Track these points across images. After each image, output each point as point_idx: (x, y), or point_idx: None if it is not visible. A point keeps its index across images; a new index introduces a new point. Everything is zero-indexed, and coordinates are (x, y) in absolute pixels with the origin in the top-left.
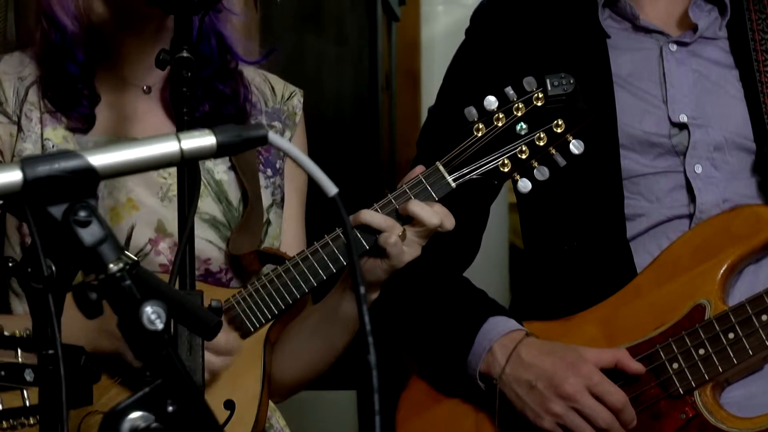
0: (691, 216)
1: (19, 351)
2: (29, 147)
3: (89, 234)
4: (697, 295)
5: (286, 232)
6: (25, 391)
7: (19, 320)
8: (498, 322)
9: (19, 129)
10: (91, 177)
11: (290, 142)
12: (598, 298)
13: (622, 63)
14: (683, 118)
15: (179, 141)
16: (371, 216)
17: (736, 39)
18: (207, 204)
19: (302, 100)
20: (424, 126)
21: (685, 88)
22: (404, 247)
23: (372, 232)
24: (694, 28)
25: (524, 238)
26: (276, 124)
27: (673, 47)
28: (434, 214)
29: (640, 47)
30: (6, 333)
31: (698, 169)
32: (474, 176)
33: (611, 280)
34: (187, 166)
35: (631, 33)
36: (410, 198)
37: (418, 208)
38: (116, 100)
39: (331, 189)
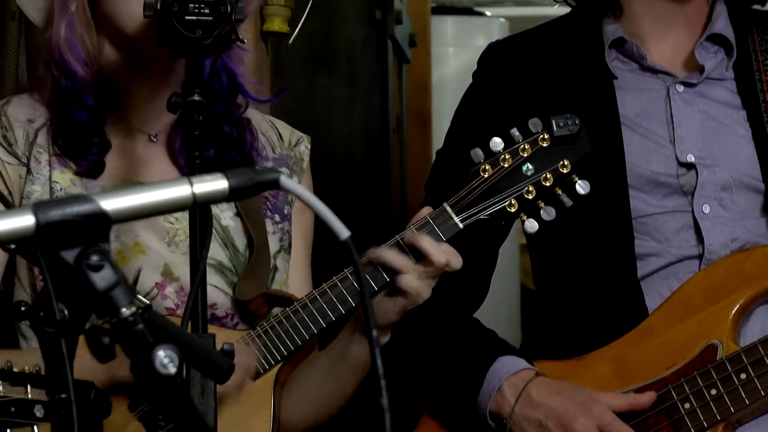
0: (700, 256)
1: (29, 387)
2: (38, 189)
3: (102, 278)
4: (709, 335)
5: (293, 277)
6: (35, 427)
7: (28, 355)
8: (507, 361)
9: (28, 171)
10: (104, 221)
11: None
12: (609, 338)
13: (630, 103)
14: (691, 158)
15: (191, 185)
16: (385, 254)
17: (743, 80)
18: (214, 249)
19: (309, 146)
20: (432, 168)
21: (692, 129)
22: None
23: (384, 271)
24: (701, 69)
25: (535, 279)
26: (283, 170)
27: (680, 88)
28: (442, 252)
29: (647, 88)
30: (15, 369)
31: (706, 209)
32: (481, 217)
33: (622, 320)
34: (199, 210)
35: (638, 74)
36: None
37: (425, 242)
38: (124, 146)
39: (343, 232)
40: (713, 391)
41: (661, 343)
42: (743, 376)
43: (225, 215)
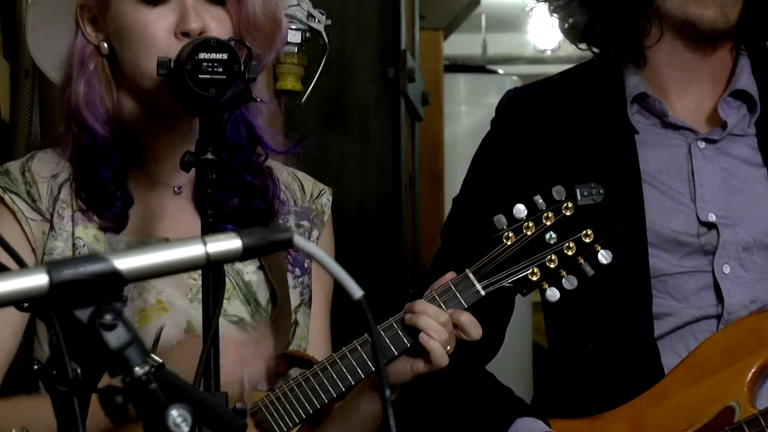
0: (718, 316)
1: None
2: (60, 245)
3: (115, 337)
4: (727, 397)
5: (312, 331)
6: None
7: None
8: (525, 423)
9: (51, 227)
10: (117, 280)
11: (318, 242)
12: (624, 396)
13: (651, 159)
14: (712, 218)
15: (205, 244)
16: (426, 309)
17: (765, 136)
18: (235, 306)
19: (331, 198)
20: (449, 216)
21: (713, 187)
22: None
23: (411, 331)
24: (723, 125)
25: (549, 335)
26: (304, 223)
27: (702, 144)
28: (475, 325)
29: (669, 143)
30: None
31: (726, 269)
32: (504, 284)
33: (638, 378)
34: (212, 268)
35: (660, 129)
36: (445, 305)
37: (466, 320)
38: (147, 199)
39: (357, 292)
40: None
41: (677, 404)
42: None
43: (248, 269)
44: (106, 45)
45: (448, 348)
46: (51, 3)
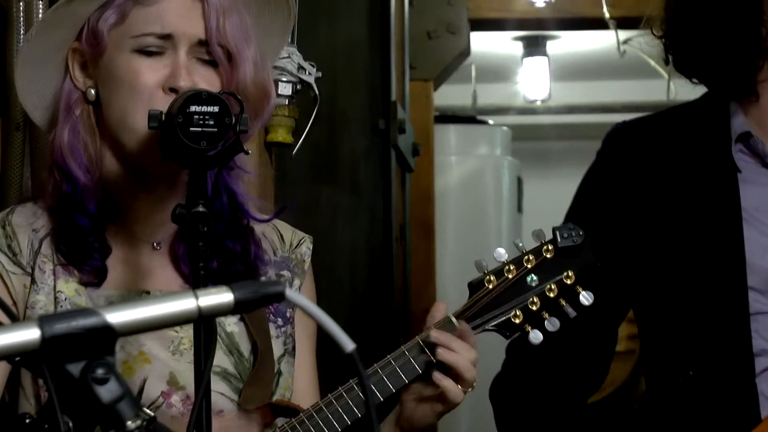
0: None
1: None
2: (42, 299)
3: (107, 391)
4: None
5: (299, 379)
6: None
7: None
8: None
9: (33, 281)
10: (109, 335)
11: (300, 291)
12: None
13: (751, 197)
14: None
15: (197, 298)
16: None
17: None
18: (218, 357)
19: (311, 247)
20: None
21: None
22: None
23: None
24: None
25: (645, 366)
26: (284, 272)
27: None
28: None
29: None
30: None
31: None
32: (487, 327)
33: (731, 420)
34: (204, 322)
35: (762, 168)
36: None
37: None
38: (127, 255)
39: (348, 345)
40: None
41: None
42: None
43: (229, 321)
44: (93, 92)
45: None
46: (44, 43)
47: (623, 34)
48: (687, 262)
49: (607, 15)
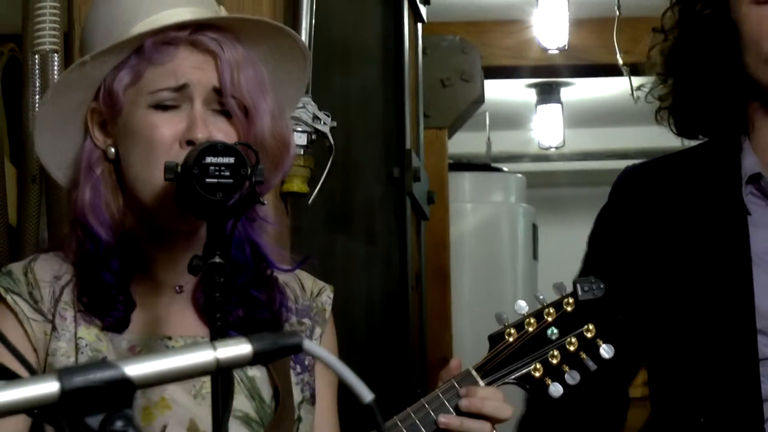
0: None
1: None
2: (63, 345)
3: None
4: None
5: (319, 426)
6: None
7: None
8: None
9: (54, 328)
10: (127, 387)
11: (321, 340)
12: None
13: (761, 241)
14: None
15: (215, 350)
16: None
17: None
18: (240, 402)
19: (332, 296)
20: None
21: None
22: None
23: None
24: None
25: (654, 410)
26: (306, 321)
27: None
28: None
29: None
30: None
31: None
32: (507, 381)
33: None
34: (222, 375)
35: None
36: (448, 402)
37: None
38: (149, 301)
39: (367, 395)
40: None
41: None
42: None
43: None
44: (113, 150)
45: None
46: (60, 105)
47: (636, 81)
48: (696, 306)
49: (620, 62)
